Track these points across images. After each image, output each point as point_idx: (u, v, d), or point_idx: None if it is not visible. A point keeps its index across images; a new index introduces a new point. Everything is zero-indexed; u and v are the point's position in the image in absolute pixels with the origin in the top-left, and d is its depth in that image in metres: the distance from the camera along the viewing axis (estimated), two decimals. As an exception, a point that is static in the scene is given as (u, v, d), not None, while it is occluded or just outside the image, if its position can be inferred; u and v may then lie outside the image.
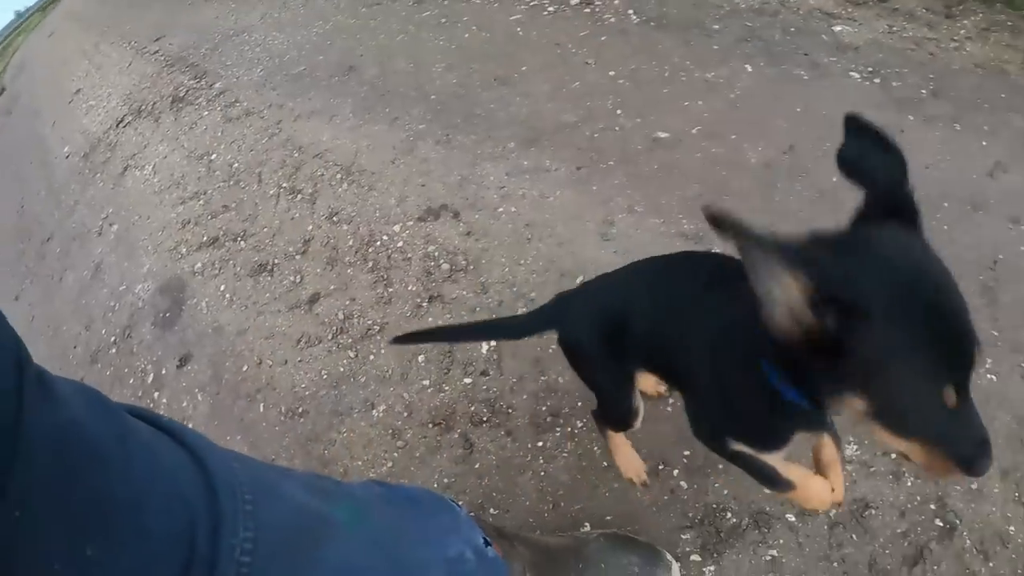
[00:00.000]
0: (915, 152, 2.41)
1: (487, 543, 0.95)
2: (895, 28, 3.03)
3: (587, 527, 1.74)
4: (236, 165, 3.22)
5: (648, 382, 1.76)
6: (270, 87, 3.68)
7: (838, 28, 2.99)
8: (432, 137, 2.73)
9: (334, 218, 2.61)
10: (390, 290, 2.28)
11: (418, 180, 2.56)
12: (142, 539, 0.51)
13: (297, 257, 2.57)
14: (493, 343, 2.05)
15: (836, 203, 2.26)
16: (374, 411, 2.08)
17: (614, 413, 1.57)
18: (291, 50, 3.95)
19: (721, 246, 1.98)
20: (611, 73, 2.77)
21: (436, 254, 2.30)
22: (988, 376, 1.98)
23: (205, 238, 2.94)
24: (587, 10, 3.13)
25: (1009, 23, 3.19)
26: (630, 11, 3.09)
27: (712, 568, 1.65)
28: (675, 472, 1.75)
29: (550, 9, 3.21)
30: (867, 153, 0.81)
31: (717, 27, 2.96)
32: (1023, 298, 2.12)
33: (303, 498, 0.68)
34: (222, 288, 2.67)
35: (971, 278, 2.17)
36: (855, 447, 1.71)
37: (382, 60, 3.35)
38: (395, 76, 3.19)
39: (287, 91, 3.54)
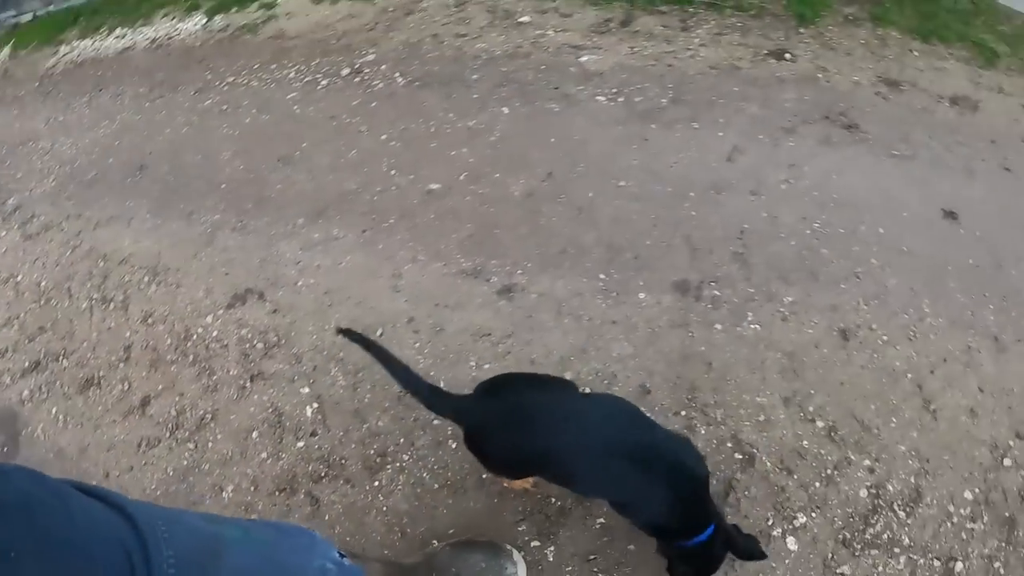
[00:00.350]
0: (660, 155, 2.84)
1: (342, 555, 1.17)
2: (636, 49, 3.42)
3: (435, 543, 1.95)
4: (44, 283, 3.17)
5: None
6: (65, 197, 3.62)
7: (585, 58, 3.35)
8: (228, 225, 2.83)
9: (149, 320, 2.68)
10: (214, 378, 2.40)
11: (221, 269, 2.67)
12: (95, 570, 0.70)
13: (121, 365, 2.62)
14: (316, 405, 2.24)
15: (593, 217, 2.61)
16: (224, 493, 2.20)
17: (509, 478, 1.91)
18: (81, 155, 3.88)
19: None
20: (383, 137, 2.99)
21: (249, 336, 2.44)
22: (752, 327, 2.38)
23: (27, 363, 2.89)
24: (357, 79, 3.34)
25: (739, 24, 3.68)
26: (396, 74, 3.32)
27: (552, 548, 1.91)
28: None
29: (323, 83, 3.38)
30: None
31: (476, 77, 3.25)
32: (770, 255, 2.55)
33: (201, 524, 0.91)
34: (54, 411, 2.65)
35: (723, 250, 2.57)
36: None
37: (171, 155, 3.39)
38: (185, 170, 3.25)
39: (82, 199, 3.50)
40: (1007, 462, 2.19)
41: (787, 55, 3.49)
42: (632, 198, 2.68)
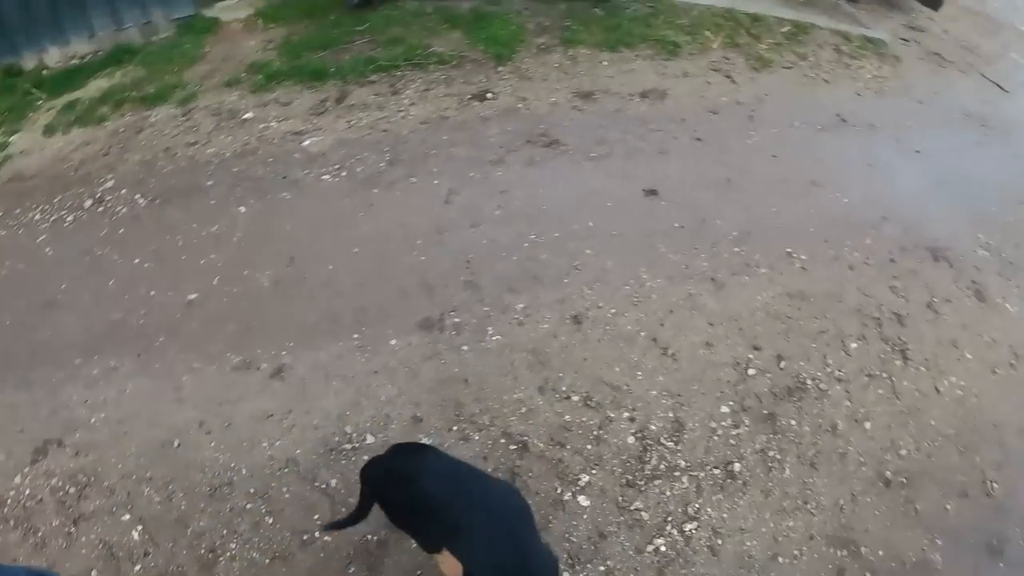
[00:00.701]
0: (386, 214, 3.13)
1: None
2: (352, 121, 3.66)
3: (282, 610, 2.17)
4: None
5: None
6: None
7: (307, 142, 3.55)
8: (9, 384, 2.79)
9: (-41, 499, 2.65)
10: (39, 535, 2.41)
11: (15, 428, 2.66)
12: None
13: (-56, 552, 2.59)
14: (140, 527, 2.35)
15: (337, 287, 2.87)
16: (79, 641, 2.24)
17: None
18: None
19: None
20: (136, 260, 3.07)
21: (61, 484, 2.48)
22: (495, 338, 2.74)
23: None
24: (100, 209, 3.34)
25: (443, 76, 4.00)
26: (137, 196, 3.37)
27: (383, 576, 2.16)
28: (316, 534, 2.25)
29: (69, 219, 3.35)
30: None
31: (211, 183, 3.37)
32: (497, 274, 2.93)
33: None
34: None
35: (455, 282, 2.91)
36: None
37: (-68, 334, 3.24)
38: (-48, 340, 3.13)
39: None
40: (751, 372, 2.70)
41: (489, 94, 3.89)
42: (367, 260, 2.98)
